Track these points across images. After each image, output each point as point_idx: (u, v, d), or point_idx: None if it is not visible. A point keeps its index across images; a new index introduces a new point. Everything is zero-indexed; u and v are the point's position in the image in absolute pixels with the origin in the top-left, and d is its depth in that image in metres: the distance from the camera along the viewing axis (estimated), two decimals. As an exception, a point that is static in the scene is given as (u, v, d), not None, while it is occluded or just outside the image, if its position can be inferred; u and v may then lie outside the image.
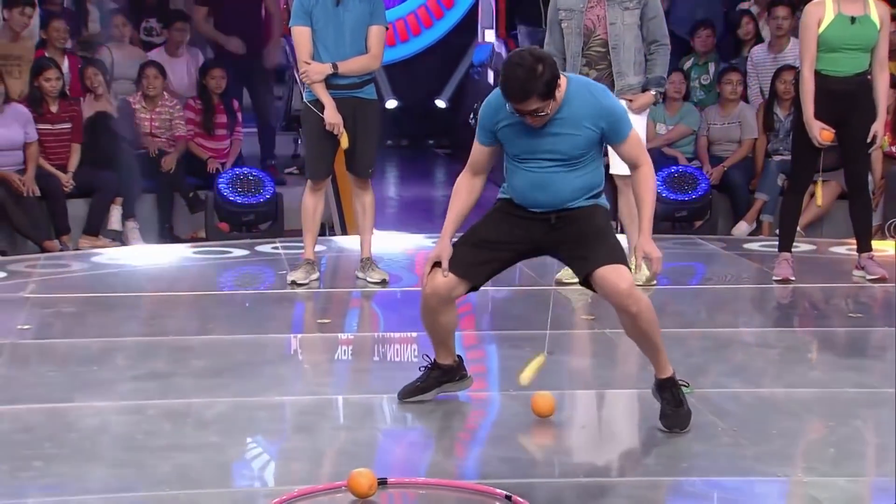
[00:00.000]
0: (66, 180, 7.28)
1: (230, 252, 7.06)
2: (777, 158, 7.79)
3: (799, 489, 3.46)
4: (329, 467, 3.51)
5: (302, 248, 5.98)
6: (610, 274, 3.57)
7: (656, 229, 7.47)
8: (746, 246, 7.28)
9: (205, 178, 7.78)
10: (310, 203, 5.83)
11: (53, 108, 7.35)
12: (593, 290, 3.68)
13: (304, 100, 5.71)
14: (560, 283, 5.76)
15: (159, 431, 3.81)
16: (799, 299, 6.02)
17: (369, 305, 5.85)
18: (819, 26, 5.75)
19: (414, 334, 5.05)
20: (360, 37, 5.61)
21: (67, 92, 7.50)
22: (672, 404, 3.74)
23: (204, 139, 7.95)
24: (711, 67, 8.37)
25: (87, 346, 4.95)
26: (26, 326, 5.20)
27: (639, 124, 5.72)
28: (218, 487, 3.39)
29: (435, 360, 3.95)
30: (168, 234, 7.61)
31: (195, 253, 7.05)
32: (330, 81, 5.62)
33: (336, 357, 4.97)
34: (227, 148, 8.00)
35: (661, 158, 7.99)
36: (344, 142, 5.67)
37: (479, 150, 3.76)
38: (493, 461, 3.57)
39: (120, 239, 7.36)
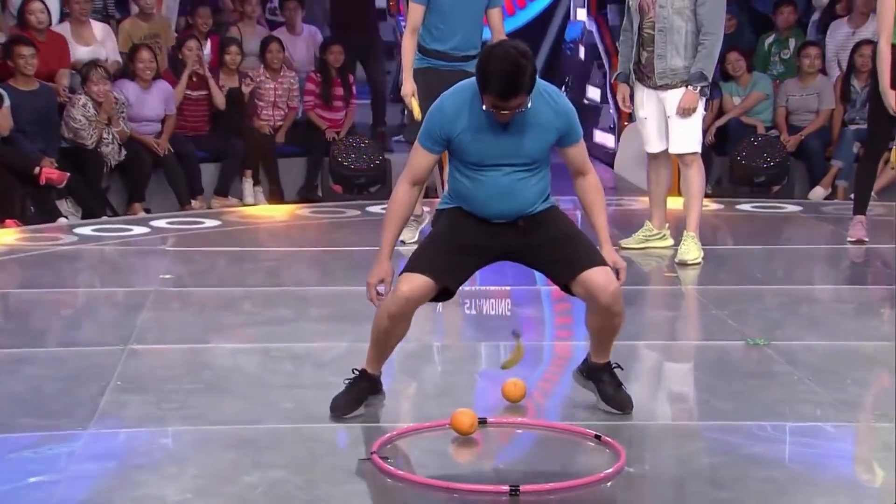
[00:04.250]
0: (163, 146, 7.16)
1: (343, 212, 7.14)
2: (853, 127, 7.54)
3: (870, 435, 3.38)
4: (433, 407, 3.54)
5: None
6: (599, 276, 3.21)
7: (736, 193, 7.51)
8: (822, 209, 7.09)
9: (322, 146, 7.87)
10: None
11: (193, 78, 7.49)
12: (571, 293, 3.30)
13: (414, 66, 5.69)
14: (622, 247, 5.69)
15: (282, 371, 3.89)
16: (872, 259, 5.84)
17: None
18: None
19: (507, 288, 5.06)
20: (479, 17, 5.53)
21: (207, 66, 7.63)
22: (613, 385, 3.43)
23: (322, 110, 8.02)
24: (792, 43, 8.15)
25: (220, 294, 5.07)
26: (167, 276, 5.35)
27: (694, 119, 5.49)
28: (335, 423, 3.44)
29: (364, 370, 3.43)
30: (312, 192, 7.71)
31: (312, 213, 7.15)
32: (443, 52, 5.57)
33: (438, 307, 5.00)
34: (342, 119, 8.07)
35: (739, 127, 7.81)
36: (416, 112, 5.58)
37: (424, 158, 3.24)
38: (582, 405, 3.55)
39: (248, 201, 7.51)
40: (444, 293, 3.32)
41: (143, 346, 4.16)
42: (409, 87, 5.61)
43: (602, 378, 3.45)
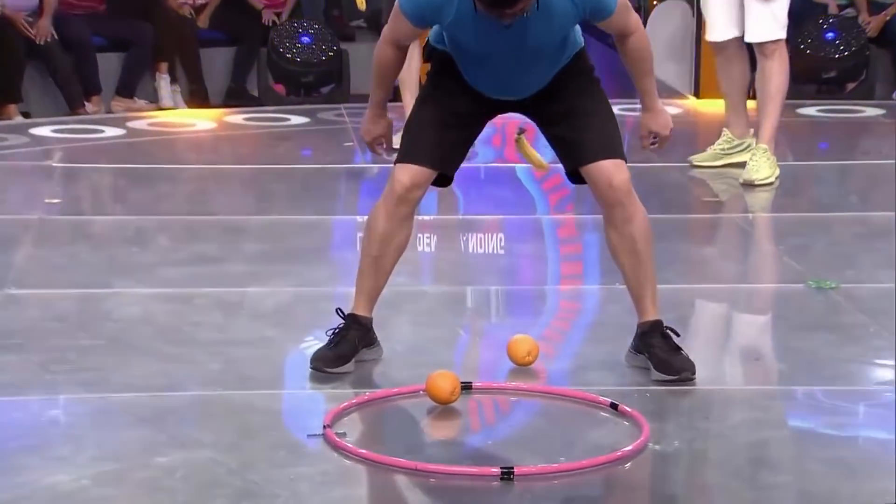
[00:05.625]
0: (42, 31, 7.13)
1: (287, 119, 7.11)
2: (954, 6, 7.55)
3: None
4: (403, 368, 3.57)
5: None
6: (608, 167, 3.37)
7: (798, 94, 7.51)
8: (910, 113, 7.12)
9: (259, 32, 7.81)
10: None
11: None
12: (579, 182, 3.46)
13: None
14: (693, 165, 5.80)
15: (209, 324, 3.91)
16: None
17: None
18: None
19: (500, 217, 5.07)
20: None
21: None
22: (666, 349, 3.45)
23: (257, -17, 7.95)
24: None
25: (125, 224, 5.08)
26: (55, 200, 5.33)
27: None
28: (276, 388, 3.48)
29: (353, 313, 3.50)
30: (245, 92, 7.68)
31: (247, 120, 7.12)
32: None
33: (412, 243, 5.01)
34: (283, -5, 8.01)
35: (807, 7, 7.80)
36: (360, 3, 5.67)
37: (405, 27, 3.36)
38: (593, 364, 3.60)
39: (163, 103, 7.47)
40: (440, 179, 3.49)
41: (23, 290, 4.17)
42: None
43: (652, 343, 3.48)
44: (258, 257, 4.62)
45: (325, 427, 3.08)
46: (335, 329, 3.51)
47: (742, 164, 5.68)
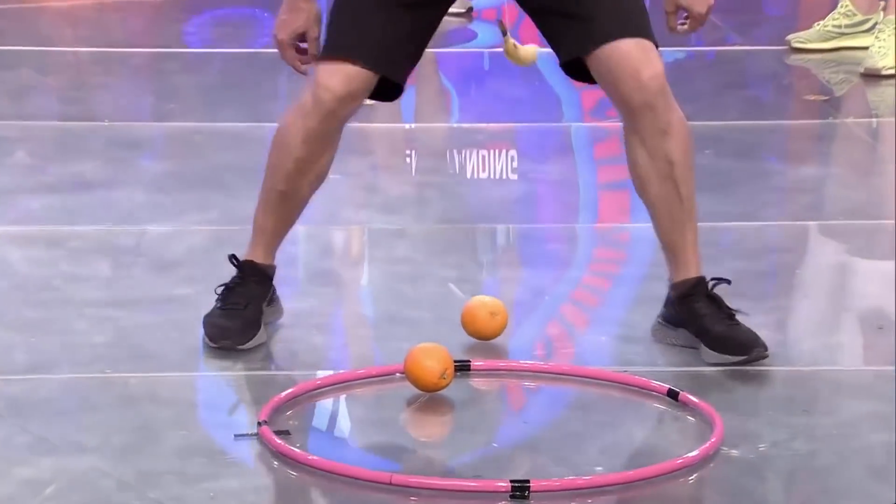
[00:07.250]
0: None
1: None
2: None
3: None
4: (374, 342, 3.61)
5: None
6: (630, 51, 3.33)
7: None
8: None
9: None
10: None
11: None
12: (583, 79, 3.44)
13: None
14: (793, 47, 5.90)
15: (89, 276, 3.94)
16: None
17: (436, 73, 5.85)
18: None
19: (510, 125, 5.09)
20: None
21: None
22: (720, 317, 3.50)
23: None
24: None
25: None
26: None
27: None
28: (189, 370, 3.51)
29: (250, 260, 3.59)
30: None
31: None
32: None
33: (375, 160, 5.04)
34: None
35: None
36: None
37: None
38: (642, 335, 3.63)
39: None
40: (385, 88, 3.42)
41: None
42: None
43: (696, 309, 3.51)
44: (161, 181, 4.65)
45: (259, 424, 3.11)
46: (229, 285, 3.55)
47: (864, 49, 5.72)
